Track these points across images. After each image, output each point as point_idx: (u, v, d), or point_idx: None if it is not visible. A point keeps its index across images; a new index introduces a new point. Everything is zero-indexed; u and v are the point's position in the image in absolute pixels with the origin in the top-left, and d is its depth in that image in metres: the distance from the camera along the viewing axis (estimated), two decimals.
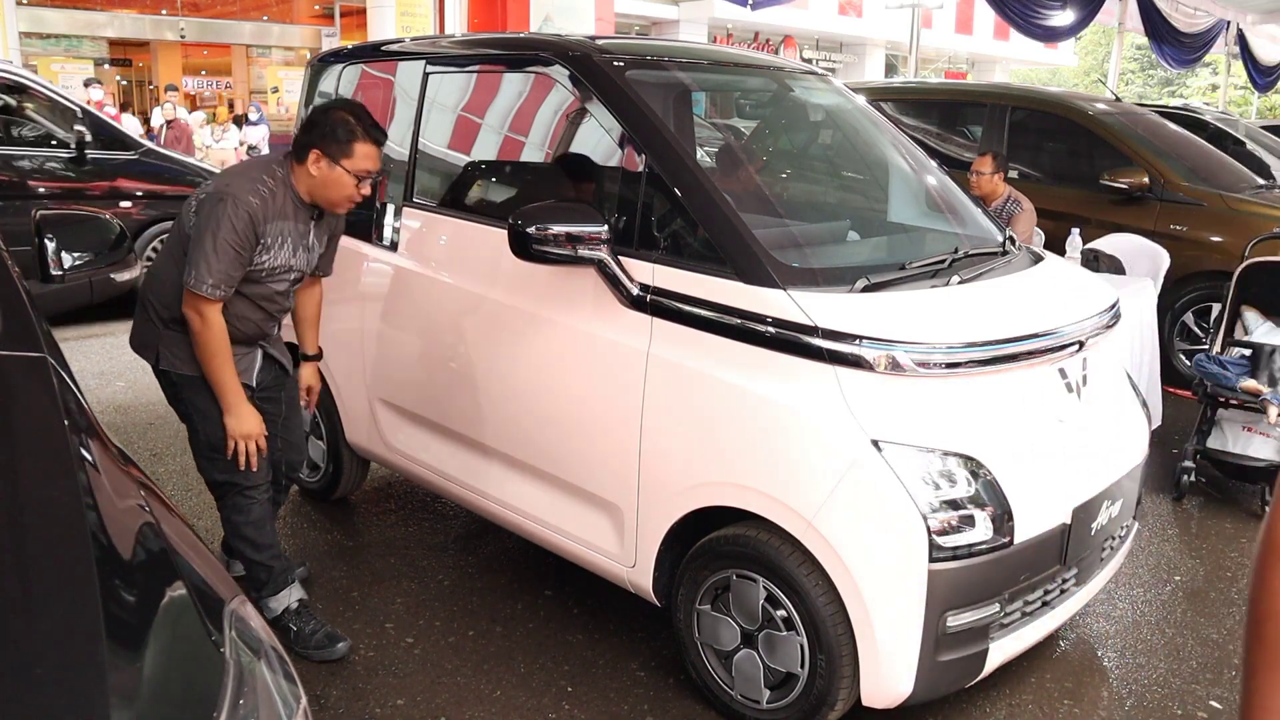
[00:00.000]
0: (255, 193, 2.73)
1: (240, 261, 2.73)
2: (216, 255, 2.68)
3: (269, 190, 2.77)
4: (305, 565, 3.47)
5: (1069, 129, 6.69)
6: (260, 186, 2.75)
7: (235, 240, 2.69)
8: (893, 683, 2.40)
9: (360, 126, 2.78)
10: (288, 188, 2.82)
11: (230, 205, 2.69)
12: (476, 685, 2.86)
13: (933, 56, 30.84)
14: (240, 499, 2.95)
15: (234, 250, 2.70)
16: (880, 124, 3.68)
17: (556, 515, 2.99)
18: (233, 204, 2.69)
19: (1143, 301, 4.76)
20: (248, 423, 2.84)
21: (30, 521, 1.33)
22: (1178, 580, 3.66)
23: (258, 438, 2.86)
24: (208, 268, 2.67)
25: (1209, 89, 34.11)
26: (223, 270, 2.69)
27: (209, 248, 2.68)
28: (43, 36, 20.33)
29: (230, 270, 2.71)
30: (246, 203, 2.70)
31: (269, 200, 2.76)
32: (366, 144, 2.79)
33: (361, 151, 2.78)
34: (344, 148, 2.76)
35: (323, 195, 2.83)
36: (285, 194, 2.81)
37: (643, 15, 23.64)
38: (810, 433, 2.39)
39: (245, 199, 2.71)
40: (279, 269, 2.86)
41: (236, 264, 2.72)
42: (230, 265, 2.71)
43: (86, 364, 5.96)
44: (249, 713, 1.16)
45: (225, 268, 2.69)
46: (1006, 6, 13.04)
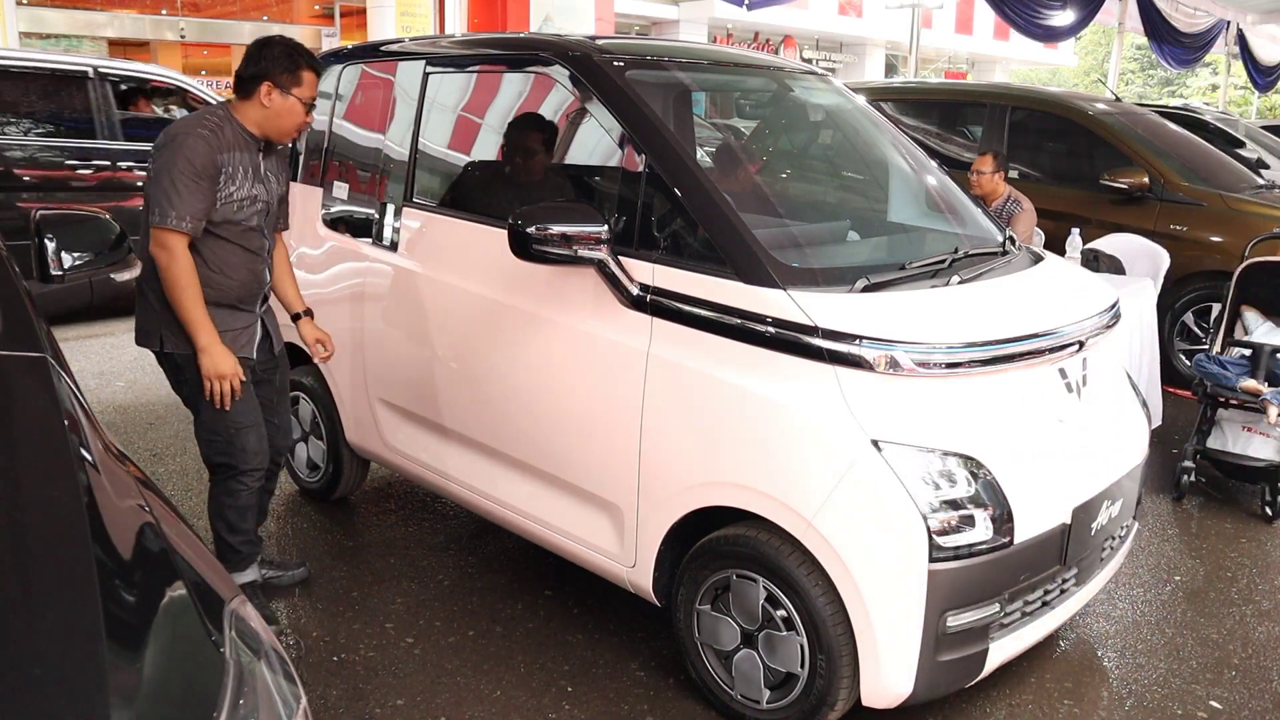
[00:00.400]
0: (203, 126, 2.83)
1: (202, 192, 2.79)
2: (176, 190, 2.75)
3: (214, 125, 2.86)
4: (306, 566, 3.48)
5: (1069, 129, 6.69)
6: (204, 125, 2.84)
7: (193, 171, 2.77)
8: (893, 683, 2.40)
9: (303, 56, 2.92)
10: (232, 123, 2.91)
11: (180, 142, 2.78)
12: (476, 685, 2.86)
13: (933, 56, 30.85)
14: (233, 483, 3.05)
15: (193, 181, 2.77)
16: (880, 124, 3.68)
17: (556, 515, 2.99)
18: (183, 140, 2.79)
19: (1142, 301, 4.76)
20: (222, 362, 2.86)
21: (30, 521, 1.33)
22: (1178, 580, 3.66)
23: (232, 377, 2.88)
24: (169, 202, 2.75)
25: (1209, 89, 34.10)
26: (186, 202, 2.76)
27: (167, 185, 2.76)
28: (43, 36, 20.34)
29: (194, 202, 2.78)
30: (196, 135, 2.80)
31: (217, 133, 2.85)
32: (311, 72, 2.95)
33: (309, 79, 2.94)
34: (295, 77, 2.90)
35: (275, 126, 2.93)
36: (231, 129, 2.89)
37: (643, 15, 23.64)
38: (810, 433, 2.39)
39: (195, 132, 2.80)
40: (245, 200, 2.93)
41: (199, 195, 2.79)
42: (193, 197, 2.77)
43: (86, 364, 5.96)
44: (249, 713, 1.16)
45: (188, 199, 2.76)
46: (1006, 6, 13.05)
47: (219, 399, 2.88)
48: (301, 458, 4.06)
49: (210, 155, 2.80)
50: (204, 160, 2.79)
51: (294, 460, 4.12)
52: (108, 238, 2.28)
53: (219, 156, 2.83)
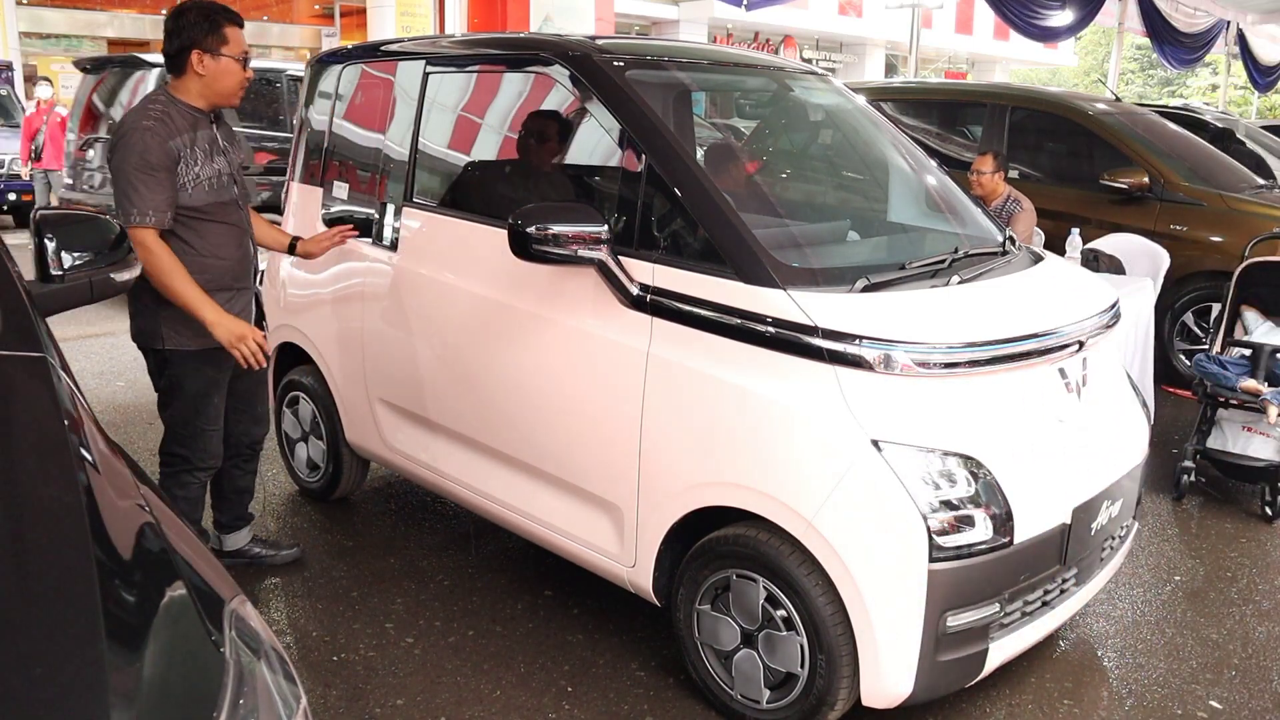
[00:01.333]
0: (147, 117, 2.84)
1: (162, 183, 2.81)
2: (134, 187, 2.78)
3: (160, 113, 2.86)
4: (299, 547, 3.58)
5: (1069, 129, 6.69)
6: (149, 114, 2.86)
7: (146, 165, 2.78)
8: (892, 683, 2.40)
9: (221, 14, 2.91)
10: (175, 104, 2.92)
11: (129, 139, 2.80)
12: (476, 685, 2.86)
13: (933, 56, 30.85)
14: (186, 475, 3.14)
15: (148, 175, 2.79)
16: (880, 124, 3.68)
17: (556, 515, 2.99)
18: (128, 135, 2.80)
19: (1141, 301, 4.76)
20: (235, 326, 2.90)
21: (30, 521, 1.33)
22: (1178, 580, 3.66)
23: (251, 335, 2.91)
24: (130, 201, 2.78)
25: (1209, 89, 34.10)
26: (145, 198, 2.78)
27: (125, 184, 2.79)
28: (43, 36, 20.34)
29: (157, 194, 2.80)
30: (141, 128, 2.81)
31: (164, 120, 2.85)
32: (233, 27, 2.94)
33: (234, 35, 2.93)
34: (219, 36, 2.89)
35: (216, 91, 2.94)
36: (176, 110, 2.90)
37: (643, 15, 23.64)
38: (810, 433, 2.39)
39: (139, 125, 2.81)
40: (212, 178, 2.95)
41: (161, 186, 2.81)
42: (155, 189, 2.79)
43: (86, 364, 5.96)
44: (249, 713, 1.16)
45: (151, 193, 2.79)
46: (1005, 6, 13.05)
47: (251, 360, 2.91)
48: (301, 458, 4.06)
49: (161, 145, 2.81)
50: (156, 152, 2.80)
51: (294, 460, 4.12)
52: (108, 238, 2.28)
53: (170, 144, 2.83)
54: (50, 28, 20.39)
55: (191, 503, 3.18)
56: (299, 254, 3.43)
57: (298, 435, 4.05)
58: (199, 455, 3.12)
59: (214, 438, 3.15)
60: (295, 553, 3.54)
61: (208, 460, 3.15)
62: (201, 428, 3.11)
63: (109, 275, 2.20)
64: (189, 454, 3.12)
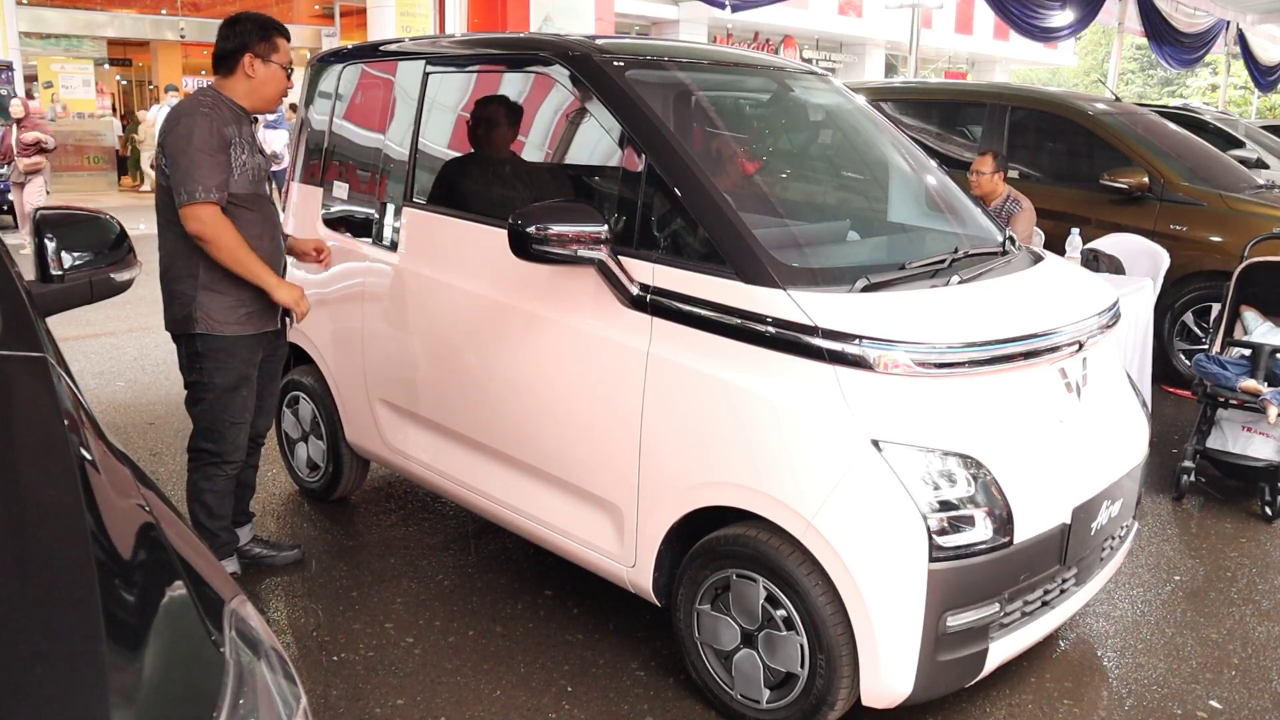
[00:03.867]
0: (203, 105, 3.01)
1: (219, 164, 2.96)
2: (196, 165, 2.91)
3: (210, 104, 3.03)
4: (300, 548, 3.58)
5: (1069, 129, 6.69)
6: (204, 101, 3.03)
7: (207, 144, 2.93)
8: (892, 683, 2.40)
9: (274, 26, 3.11)
10: (221, 99, 3.08)
11: (186, 124, 2.94)
12: (476, 685, 2.86)
13: (933, 56, 30.84)
14: (213, 469, 3.20)
15: (208, 155, 2.93)
16: (880, 124, 3.68)
17: (556, 515, 2.99)
18: (189, 120, 2.95)
19: (1141, 300, 4.76)
20: (291, 291, 3.12)
21: (30, 521, 1.33)
22: (1178, 580, 3.66)
23: (300, 298, 3.13)
24: (193, 179, 2.91)
25: (1209, 89, 34.10)
26: (207, 175, 2.92)
27: (187, 164, 2.92)
28: (42, 36, 20.33)
29: (214, 173, 2.94)
30: (199, 114, 2.97)
31: (217, 108, 3.02)
32: (283, 38, 3.14)
33: (284, 45, 3.14)
34: (271, 45, 3.09)
35: (261, 95, 3.12)
36: (223, 104, 3.06)
37: (643, 15, 23.63)
38: (810, 433, 2.39)
39: (197, 112, 2.97)
40: (252, 169, 3.10)
41: (217, 166, 2.95)
42: (212, 168, 2.94)
43: (86, 364, 5.96)
44: (249, 713, 1.16)
45: (208, 171, 2.92)
46: (1006, 7, 13.05)
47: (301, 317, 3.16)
48: (301, 458, 4.07)
49: (217, 128, 2.96)
50: (214, 134, 2.94)
51: (294, 460, 4.12)
52: (108, 237, 2.28)
53: (227, 130, 2.99)
54: (50, 27, 20.38)
55: (219, 497, 3.24)
56: None
57: (298, 435, 4.05)
58: (227, 449, 3.19)
59: (241, 432, 3.22)
60: (296, 554, 3.55)
61: (235, 454, 3.22)
62: (230, 422, 3.17)
63: (109, 275, 2.20)
64: (217, 448, 3.18)
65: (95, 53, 21.41)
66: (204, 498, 3.22)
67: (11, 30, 15.33)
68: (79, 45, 20.93)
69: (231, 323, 3.08)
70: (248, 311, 3.12)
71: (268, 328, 3.20)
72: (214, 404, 3.15)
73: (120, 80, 24.31)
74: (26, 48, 17.67)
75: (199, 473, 3.22)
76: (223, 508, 3.27)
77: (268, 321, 3.19)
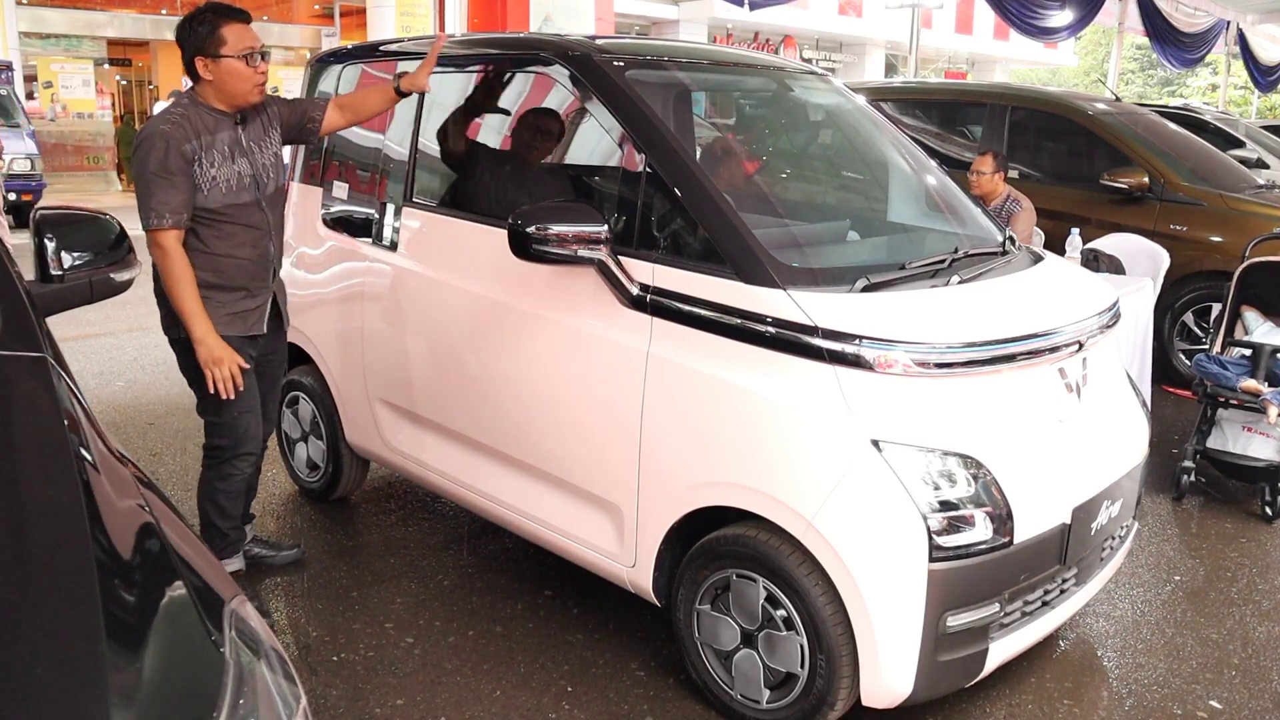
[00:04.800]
0: (166, 121, 2.86)
1: (175, 185, 2.83)
2: (150, 190, 2.81)
3: (180, 115, 2.88)
4: (299, 547, 3.57)
5: (1069, 129, 6.69)
6: (170, 116, 2.89)
7: (161, 168, 2.81)
8: (892, 683, 2.40)
9: (216, 14, 2.87)
10: (198, 106, 2.93)
11: (145, 144, 2.84)
12: (476, 685, 2.86)
13: (933, 56, 30.85)
14: (228, 466, 3.15)
15: (163, 177, 2.81)
16: (880, 124, 3.68)
17: (556, 515, 2.99)
18: (148, 140, 2.83)
19: (1141, 300, 4.76)
20: (218, 350, 2.91)
21: (30, 521, 1.33)
22: (1178, 580, 3.66)
23: (230, 364, 2.92)
24: (149, 204, 2.82)
25: (1209, 89, 34.10)
26: (161, 199, 2.81)
27: (144, 186, 2.83)
28: (42, 36, 20.33)
29: (169, 196, 2.82)
30: (159, 132, 2.83)
31: (182, 122, 2.87)
32: (231, 24, 2.87)
33: (232, 34, 2.87)
34: (215, 39, 2.85)
35: (229, 93, 2.92)
36: (198, 112, 2.92)
37: (643, 15, 23.64)
38: (810, 433, 2.39)
39: (158, 130, 2.84)
40: (231, 179, 2.95)
41: (172, 188, 2.83)
42: (166, 192, 2.82)
43: (86, 364, 5.96)
44: (249, 713, 1.16)
45: (162, 195, 2.81)
46: (1005, 6, 13.05)
47: (221, 387, 2.93)
48: (301, 458, 4.07)
49: (175, 147, 2.82)
50: (171, 154, 2.82)
51: (294, 460, 4.12)
52: (108, 237, 2.28)
53: (186, 145, 2.84)
54: (50, 28, 20.38)
55: (231, 497, 3.20)
56: (406, 91, 3.17)
57: (298, 435, 4.05)
58: (238, 442, 3.13)
59: (250, 421, 3.14)
60: (296, 553, 3.54)
61: (247, 445, 3.15)
62: (236, 414, 3.10)
63: (109, 275, 2.20)
64: (230, 441, 3.13)
65: (95, 53, 21.41)
66: (217, 497, 3.19)
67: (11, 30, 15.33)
68: (79, 45, 20.93)
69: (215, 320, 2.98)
70: (230, 313, 3.04)
71: (252, 331, 3.11)
72: (215, 399, 3.06)
73: (120, 80, 24.31)
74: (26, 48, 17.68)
75: (214, 470, 3.18)
76: (235, 507, 3.24)
77: (253, 325, 3.11)
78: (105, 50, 22.23)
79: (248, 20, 2.92)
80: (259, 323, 3.14)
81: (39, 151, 12.50)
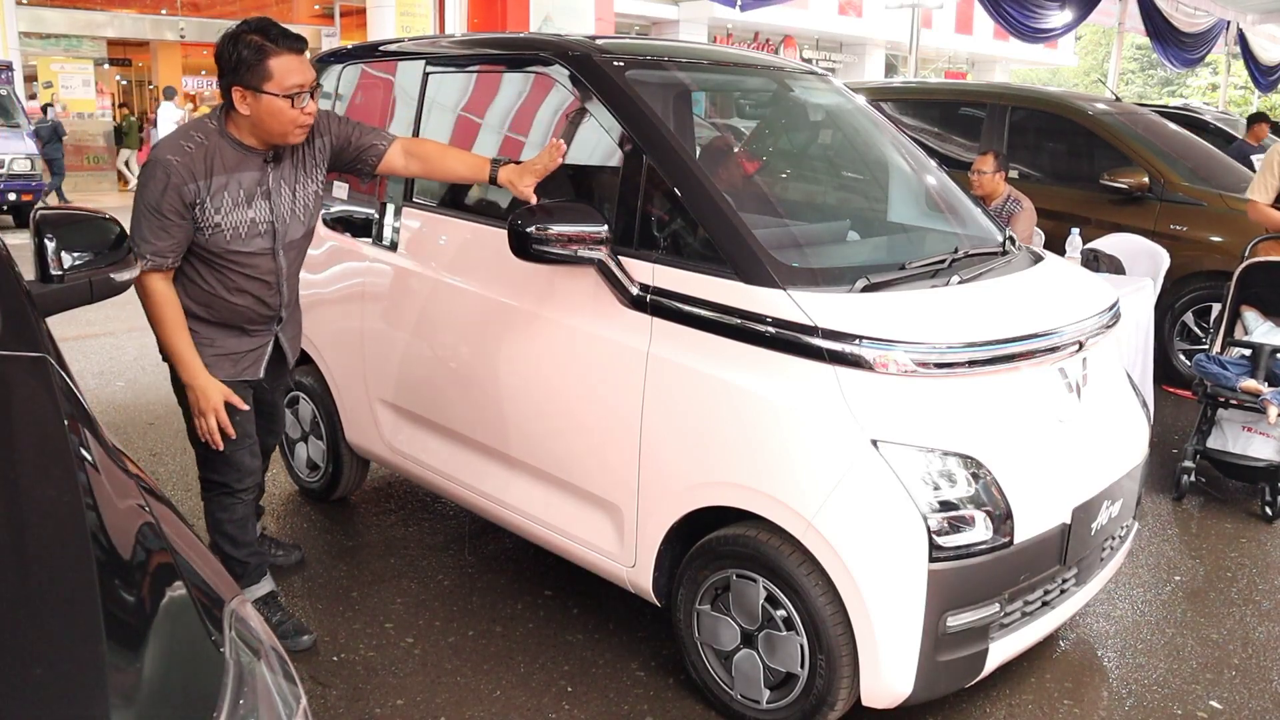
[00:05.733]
0: (178, 151, 2.55)
1: (166, 229, 2.55)
2: (139, 228, 2.56)
3: (196, 145, 2.57)
4: (299, 548, 3.53)
5: (1069, 129, 6.69)
6: (186, 144, 2.57)
7: (154, 209, 2.54)
8: (892, 683, 2.40)
9: (267, 40, 2.50)
10: (223, 138, 2.60)
11: (150, 169, 2.56)
12: (476, 685, 2.86)
13: (933, 56, 30.86)
14: (228, 499, 2.92)
15: (154, 218, 2.54)
16: (880, 124, 3.68)
17: (556, 515, 2.99)
18: (152, 168, 2.56)
19: (1141, 300, 4.76)
20: (212, 394, 2.68)
21: (30, 521, 1.33)
22: (1178, 580, 3.66)
23: (219, 410, 2.69)
24: (138, 240, 2.55)
25: (1209, 89, 34.10)
26: (149, 242, 2.55)
27: (135, 220, 2.57)
28: (42, 36, 20.35)
29: (161, 239, 2.55)
30: (165, 164, 2.53)
31: (194, 155, 2.56)
32: (282, 56, 2.51)
33: (280, 68, 2.50)
34: (260, 71, 2.49)
35: (265, 131, 2.59)
36: (219, 145, 2.59)
37: (643, 15, 23.64)
38: (810, 433, 2.39)
39: (165, 160, 2.54)
40: (241, 226, 2.64)
41: (165, 232, 2.55)
42: (159, 234, 2.55)
43: (86, 364, 5.96)
44: (249, 713, 1.16)
45: (155, 238, 2.55)
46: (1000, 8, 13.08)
47: (210, 435, 2.73)
48: (301, 458, 4.07)
49: (175, 187, 2.53)
50: (169, 194, 2.54)
51: (294, 460, 4.12)
52: (108, 237, 2.27)
53: (188, 187, 2.55)
54: (50, 27, 20.39)
55: (239, 525, 2.96)
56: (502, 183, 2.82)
57: (298, 435, 4.05)
58: (235, 478, 2.89)
59: (245, 454, 2.89)
60: (298, 555, 3.52)
61: (245, 480, 2.91)
62: (232, 451, 2.84)
63: (109, 275, 2.20)
64: (223, 478, 2.89)
65: (95, 53, 21.42)
66: (225, 529, 2.93)
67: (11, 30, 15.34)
68: (79, 45, 20.94)
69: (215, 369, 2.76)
70: (218, 354, 2.78)
71: (244, 377, 2.85)
72: None
73: (120, 80, 24.32)
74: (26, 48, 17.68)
75: (214, 504, 2.94)
76: (246, 534, 2.98)
77: (245, 370, 2.85)
78: (105, 50, 22.24)
79: (302, 50, 2.55)
80: (253, 367, 2.86)
81: (39, 152, 12.50)
